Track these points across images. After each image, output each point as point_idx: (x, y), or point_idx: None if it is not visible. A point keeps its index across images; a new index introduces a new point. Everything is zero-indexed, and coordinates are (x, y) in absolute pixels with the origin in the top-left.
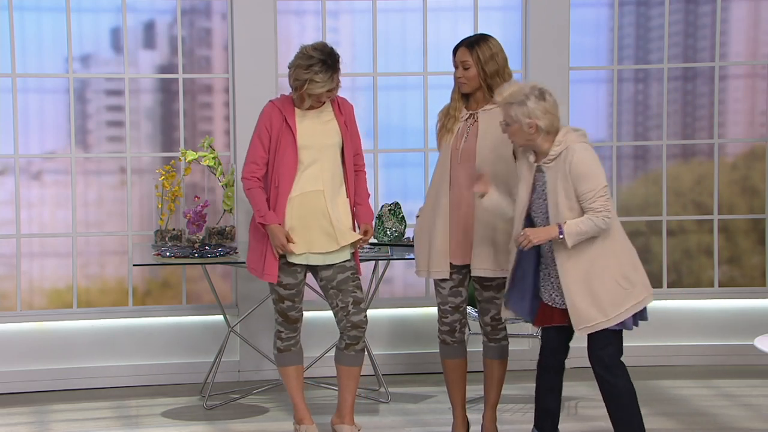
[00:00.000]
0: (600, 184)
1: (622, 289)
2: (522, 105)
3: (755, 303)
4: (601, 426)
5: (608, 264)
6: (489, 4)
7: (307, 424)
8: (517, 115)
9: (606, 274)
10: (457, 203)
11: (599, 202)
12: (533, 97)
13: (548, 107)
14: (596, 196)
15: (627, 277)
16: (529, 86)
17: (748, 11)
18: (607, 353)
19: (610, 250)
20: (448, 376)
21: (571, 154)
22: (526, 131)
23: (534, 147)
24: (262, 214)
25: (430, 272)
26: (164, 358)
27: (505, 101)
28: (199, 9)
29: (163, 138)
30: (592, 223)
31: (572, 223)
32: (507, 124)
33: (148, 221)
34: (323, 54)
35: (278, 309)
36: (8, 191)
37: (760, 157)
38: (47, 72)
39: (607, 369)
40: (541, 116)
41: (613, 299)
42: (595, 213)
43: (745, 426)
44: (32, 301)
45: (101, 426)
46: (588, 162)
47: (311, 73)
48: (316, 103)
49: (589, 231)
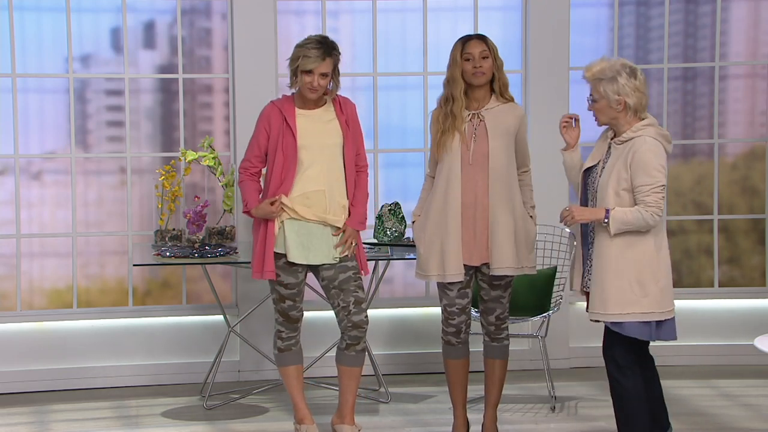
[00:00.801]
0: (659, 181)
1: (632, 293)
2: (612, 81)
3: (755, 303)
4: (601, 426)
5: (630, 264)
6: (489, 4)
7: (308, 424)
8: (606, 91)
9: (625, 272)
10: (471, 205)
11: (653, 198)
12: (624, 74)
13: (638, 85)
14: (652, 191)
15: (642, 285)
16: (619, 63)
17: (748, 11)
18: (617, 353)
19: (639, 252)
20: (451, 377)
21: (640, 144)
22: (614, 108)
23: (616, 126)
24: (246, 206)
25: (446, 275)
26: (164, 358)
27: (595, 77)
28: (199, 9)
29: (163, 138)
30: (641, 215)
31: (620, 211)
32: (594, 101)
33: (148, 221)
34: (320, 38)
35: (279, 309)
36: (8, 191)
37: (760, 157)
38: (47, 72)
39: (618, 368)
40: (631, 94)
41: (618, 299)
42: (646, 206)
43: (745, 426)
44: (32, 301)
45: (101, 426)
46: (653, 157)
47: (305, 49)
48: (307, 90)
49: (634, 222)
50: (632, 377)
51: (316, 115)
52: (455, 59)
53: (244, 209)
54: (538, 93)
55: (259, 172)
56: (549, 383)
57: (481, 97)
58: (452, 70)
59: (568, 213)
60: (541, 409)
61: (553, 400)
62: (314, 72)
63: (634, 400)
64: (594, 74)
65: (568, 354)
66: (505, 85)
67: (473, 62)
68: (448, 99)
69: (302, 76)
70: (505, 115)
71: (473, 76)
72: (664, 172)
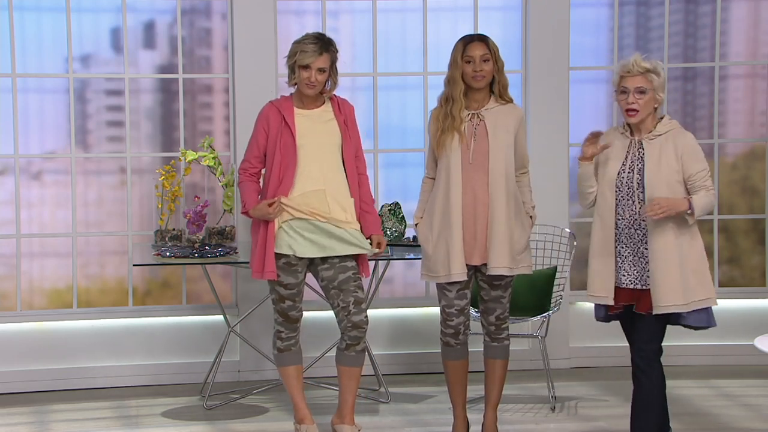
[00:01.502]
0: (706, 166)
1: (689, 282)
2: (660, 77)
3: (755, 303)
4: (601, 426)
5: (690, 252)
6: (489, 4)
7: (308, 424)
8: (655, 84)
9: (687, 261)
10: (471, 204)
11: (710, 182)
12: (659, 69)
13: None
14: (708, 176)
15: (699, 274)
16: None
17: (748, 11)
18: (651, 348)
19: (696, 242)
20: (450, 377)
21: (683, 135)
22: (656, 100)
23: (643, 123)
24: (244, 207)
25: (451, 275)
26: (164, 358)
27: (649, 70)
28: (199, 9)
29: (163, 138)
30: (709, 199)
31: (696, 198)
32: (642, 92)
33: (148, 221)
34: (318, 34)
35: (278, 309)
36: (8, 191)
37: (760, 157)
38: (47, 72)
39: (649, 363)
40: (661, 90)
41: (679, 290)
42: (708, 189)
43: (745, 426)
44: (32, 301)
45: (101, 426)
46: (696, 145)
47: (302, 44)
48: (304, 85)
49: (707, 206)
50: (659, 368)
51: (314, 114)
52: (456, 61)
53: (242, 210)
54: (538, 93)
55: (258, 172)
56: (549, 383)
57: (481, 98)
58: (452, 71)
59: (657, 206)
60: (541, 409)
61: (553, 400)
62: (311, 67)
63: (660, 391)
64: (650, 67)
65: (568, 354)
66: (504, 87)
67: (474, 65)
68: (448, 99)
69: (300, 71)
70: (505, 116)
71: (473, 80)
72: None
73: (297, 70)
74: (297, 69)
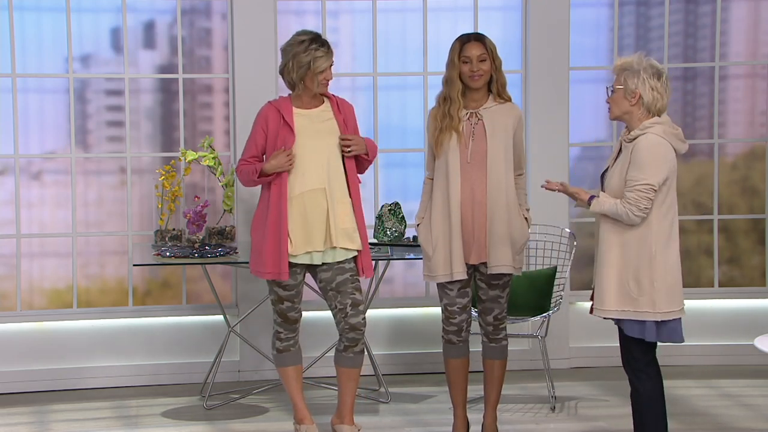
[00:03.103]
0: (645, 179)
1: (629, 291)
2: (635, 74)
3: (755, 303)
4: (601, 426)
5: (629, 263)
6: (489, 4)
7: (307, 424)
8: (626, 81)
9: (623, 270)
10: (470, 203)
11: (634, 195)
12: (649, 72)
13: (658, 86)
14: (635, 187)
15: (639, 284)
16: (648, 62)
17: (748, 11)
18: (631, 356)
19: (638, 251)
20: (451, 376)
21: (642, 140)
22: (628, 99)
23: (629, 121)
24: (257, 170)
25: (453, 274)
26: (164, 358)
27: (622, 67)
28: (199, 9)
29: (163, 138)
30: (617, 209)
31: (605, 198)
32: (612, 91)
33: (148, 221)
34: (310, 34)
35: (277, 310)
36: (8, 191)
37: (760, 157)
38: (47, 72)
39: (634, 372)
40: (648, 91)
41: (616, 297)
42: (625, 201)
43: (745, 426)
44: (32, 301)
45: (101, 426)
46: (649, 154)
47: (311, 51)
48: (323, 86)
49: (609, 213)
50: (648, 380)
51: (313, 114)
52: (453, 61)
53: (258, 177)
54: (538, 93)
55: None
56: (549, 383)
57: (479, 97)
58: (450, 71)
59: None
60: (541, 409)
61: (553, 400)
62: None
63: (651, 403)
64: (622, 64)
65: (568, 354)
66: (503, 86)
67: (471, 66)
68: (446, 99)
69: (315, 76)
70: (503, 115)
71: (470, 80)
72: (658, 172)
73: (308, 76)
74: (308, 75)
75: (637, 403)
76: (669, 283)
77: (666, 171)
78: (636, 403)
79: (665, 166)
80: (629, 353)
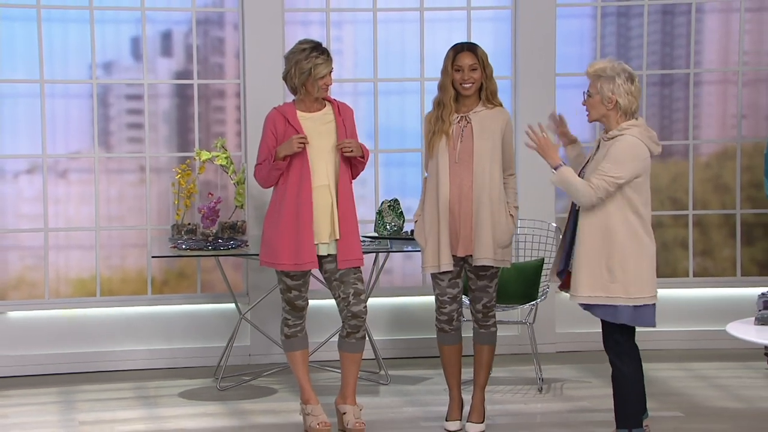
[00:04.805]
0: (615, 172)
1: (601, 277)
2: (610, 80)
3: (727, 291)
4: (584, 406)
5: (603, 250)
6: (481, 16)
7: (313, 404)
8: (602, 87)
9: (597, 257)
10: (458, 199)
11: (599, 182)
12: (623, 77)
13: (632, 90)
14: (603, 176)
15: (611, 271)
16: (621, 67)
17: (720, 23)
18: (613, 340)
19: (611, 239)
20: (445, 360)
21: (621, 139)
22: (605, 105)
23: (606, 123)
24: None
25: (441, 266)
26: (180, 342)
27: (596, 73)
28: (212, 20)
29: (179, 139)
30: (577, 186)
31: (570, 171)
32: (589, 95)
33: (165, 216)
34: (311, 43)
35: (285, 298)
36: (37, 188)
37: (731, 157)
38: (72, 78)
39: (616, 355)
40: (623, 95)
41: (589, 282)
42: (589, 183)
43: (717, 405)
44: (59, 290)
45: (123, 405)
46: (625, 152)
47: (312, 59)
48: (323, 91)
49: (567, 185)
50: (630, 362)
51: (316, 117)
52: (446, 69)
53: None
54: (526, 98)
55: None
56: (537, 366)
57: (471, 102)
58: (443, 79)
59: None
60: (529, 391)
61: (540, 382)
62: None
63: (631, 385)
64: (595, 71)
65: (555, 339)
66: (492, 93)
67: (462, 74)
68: (439, 104)
69: (315, 82)
70: (492, 119)
71: (462, 87)
72: (628, 169)
73: (309, 82)
74: (309, 81)
75: (619, 384)
76: (642, 271)
77: (637, 169)
78: (617, 384)
79: (638, 164)
80: (611, 337)
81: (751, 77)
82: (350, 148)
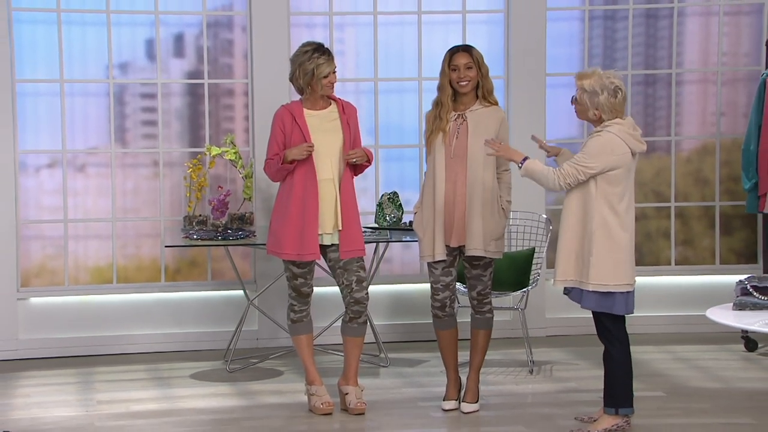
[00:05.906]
0: (586, 162)
1: (575, 263)
2: (594, 96)
3: (707, 279)
4: (573, 386)
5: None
6: (476, 19)
7: (317, 385)
8: (586, 101)
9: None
10: (452, 193)
11: (570, 169)
12: (606, 93)
13: (616, 104)
14: (575, 165)
15: (582, 258)
16: (607, 81)
17: (700, 26)
18: (604, 327)
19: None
20: (441, 344)
21: (599, 135)
22: (590, 116)
23: (593, 123)
24: (280, 159)
25: (435, 255)
26: (192, 327)
27: (582, 87)
28: (222, 22)
29: (191, 135)
30: (546, 174)
31: (535, 162)
32: (576, 101)
33: (177, 208)
34: (313, 45)
35: (292, 285)
36: (57, 182)
37: (710, 152)
38: (90, 78)
39: (608, 340)
40: (607, 110)
41: (564, 267)
42: (559, 170)
43: (697, 385)
44: (78, 277)
45: (137, 386)
46: (598, 144)
47: (314, 59)
48: (327, 89)
49: (536, 175)
50: (620, 346)
51: (322, 114)
52: (444, 69)
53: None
54: (518, 96)
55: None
56: (528, 350)
57: (468, 101)
58: (442, 79)
59: (495, 144)
60: (520, 372)
61: (531, 364)
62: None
63: (619, 368)
64: (582, 84)
65: (545, 324)
66: (488, 91)
67: (458, 73)
68: (438, 103)
69: (320, 81)
70: (487, 117)
71: (458, 85)
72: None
73: (314, 81)
74: (313, 80)
75: (610, 366)
76: (618, 260)
77: (610, 162)
78: (608, 366)
79: (611, 158)
80: (602, 324)
81: (730, 77)
82: (355, 157)
